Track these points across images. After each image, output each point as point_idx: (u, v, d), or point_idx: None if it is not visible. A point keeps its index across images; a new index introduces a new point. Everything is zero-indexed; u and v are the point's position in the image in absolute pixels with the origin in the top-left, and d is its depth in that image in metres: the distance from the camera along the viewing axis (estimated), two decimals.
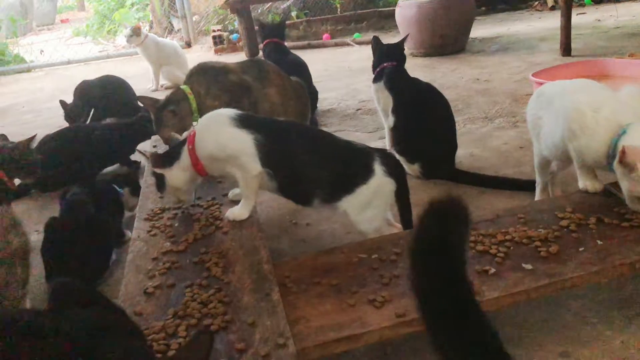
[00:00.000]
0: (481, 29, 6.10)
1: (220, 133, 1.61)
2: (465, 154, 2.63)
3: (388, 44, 2.70)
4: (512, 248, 1.42)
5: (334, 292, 1.31)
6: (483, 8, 7.06)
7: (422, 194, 2.24)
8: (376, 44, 2.66)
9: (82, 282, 1.14)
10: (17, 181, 2.24)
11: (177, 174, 1.67)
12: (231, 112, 1.66)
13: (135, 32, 4.74)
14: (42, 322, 0.89)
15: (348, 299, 1.28)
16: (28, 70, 7.07)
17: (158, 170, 1.69)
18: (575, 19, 4.92)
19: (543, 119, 1.76)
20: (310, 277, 1.37)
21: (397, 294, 1.28)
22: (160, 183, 1.71)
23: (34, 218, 2.40)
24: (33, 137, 2.23)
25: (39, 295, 1.77)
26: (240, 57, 6.14)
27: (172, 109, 2.15)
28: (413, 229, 0.83)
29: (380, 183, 1.60)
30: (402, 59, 2.61)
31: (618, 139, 1.48)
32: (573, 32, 4.43)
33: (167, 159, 1.70)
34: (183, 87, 2.22)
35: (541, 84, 2.37)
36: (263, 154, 1.58)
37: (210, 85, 2.20)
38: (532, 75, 3.00)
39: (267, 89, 2.31)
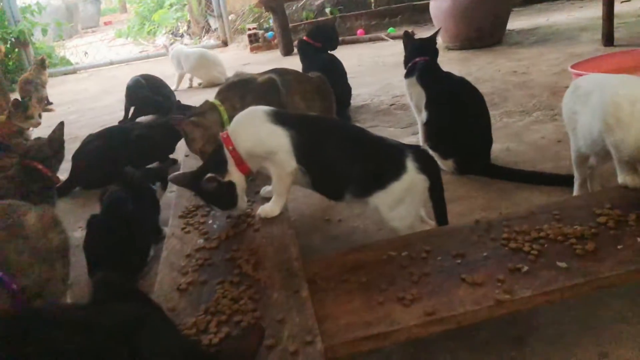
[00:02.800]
0: (519, 21, 5.95)
1: (258, 129, 1.61)
2: (502, 149, 2.57)
3: (420, 38, 2.67)
4: (546, 245, 1.38)
5: (362, 289, 1.31)
6: None
7: (457, 190, 2.22)
8: (407, 38, 2.63)
9: (122, 277, 1.17)
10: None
11: (237, 173, 1.63)
12: (266, 108, 1.66)
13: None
14: (82, 316, 0.94)
15: (377, 297, 1.27)
16: (73, 72, 7.35)
17: (226, 177, 1.61)
18: (619, 7, 4.74)
19: (579, 113, 1.71)
20: (339, 275, 1.38)
21: (427, 292, 1.27)
22: (230, 194, 1.62)
23: (76, 215, 2.49)
24: (62, 125, 2.26)
25: (83, 289, 1.84)
26: (276, 54, 6.21)
27: (193, 122, 2.15)
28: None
29: (412, 180, 1.59)
30: (435, 53, 2.58)
31: None
32: (616, 21, 4.27)
33: (221, 166, 1.62)
34: (212, 100, 2.25)
35: (581, 75, 2.29)
36: (298, 150, 1.58)
37: (245, 94, 2.22)
38: (572, 66, 2.91)
39: (293, 97, 2.33)
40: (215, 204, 1.64)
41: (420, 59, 2.52)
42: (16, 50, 6.90)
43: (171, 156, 2.97)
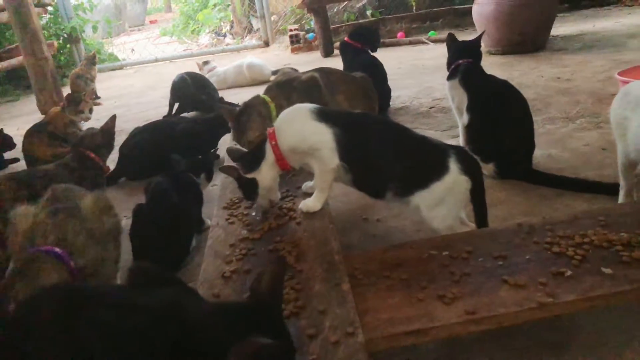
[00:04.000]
0: (563, 27, 5.83)
1: (302, 126, 1.65)
2: (543, 155, 2.54)
3: (463, 40, 2.66)
4: (590, 251, 1.37)
5: (403, 286, 1.33)
6: (566, 5, 6.73)
7: (497, 194, 2.21)
8: (451, 40, 2.62)
9: (164, 266, 1.22)
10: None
11: (267, 173, 1.69)
12: (311, 106, 1.70)
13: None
14: (133, 295, 0.99)
15: (417, 294, 1.29)
16: (120, 67, 7.59)
17: (249, 176, 1.68)
18: None
19: (629, 118, 1.68)
20: (380, 271, 1.40)
21: (468, 292, 1.27)
22: (251, 190, 1.69)
23: (122, 204, 2.58)
24: (114, 117, 2.36)
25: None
26: (316, 56, 6.26)
27: (258, 109, 2.24)
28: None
29: (454, 180, 1.59)
30: (478, 56, 2.57)
31: None
32: None
33: (253, 162, 1.70)
34: (263, 95, 2.31)
35: (628, 82, 2.24)
36: (341, 147, 1.60)
37: (290, 93, 2.27)
38: (618, 73, 2.84)
39: (336, 96, 2.36)
40: (242, 192, 1.72)
41: (464, 61, 2.51)
42: (68, 46, 7.17)
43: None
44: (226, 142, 2.66)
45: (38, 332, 0.90)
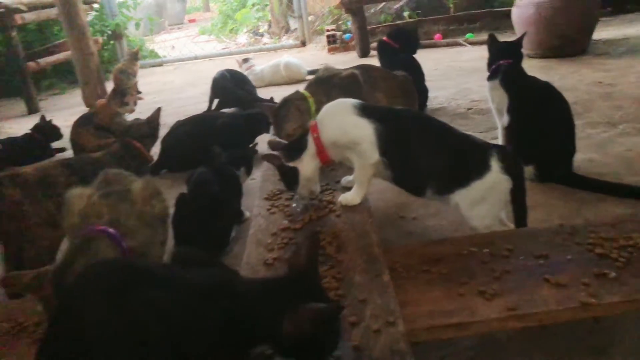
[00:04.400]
0: (606, 30, 5.69)
1: (343, 120, 1.67)
2: (584, 159, 2.50)
3: (504, 41, 2.64)
4: (635, 254, 1.35)
5: (443, 280, 1.34)
6: (609, 8, 6.56)
7: (536, 197, 2.18)
8: (492, 41, 2.61)
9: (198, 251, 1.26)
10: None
11: (309, 163, 1.72)
12: (353, 101, 1.72)
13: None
14: (183, 272, 1.03)
15: (457, 289, 1.30)
16: (160, 64, 7.78)
17: (291, 164, 1.72)
18: None
19: None
20: (420, 265, 1.41)
21: (509, 289, 1.27)
22: (292, 178, 1.72)
23: (164, 195, 2.65)
24: (159, 110, 2.43)
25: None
26: (352, 56, 6.28)
27: (296, 104, 2.28)
28: None
29: (496, 179, 1.59)
30: (519, 56, 2.54)
31: None
32: None
33: (295, 152, 1.73)
34: (303, 91, 2.35)
35: None
36: (382, 143, 1.62)
37: (330, 89, 2.31)
38: None
39: (376, 93, 2.37)
40: (282, 181, 1.75)
41: (504, 62, 2.50)
42: (111, 42, 7.39)
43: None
44: (265, 139, 2.71)
45: (93, 304, 0.95)
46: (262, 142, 2.78)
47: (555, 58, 4.71)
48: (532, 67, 4.49)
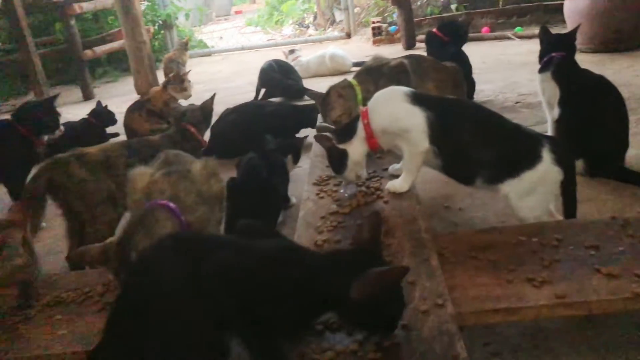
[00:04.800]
0: None
1: (395, 107, 1.68)
2: (637, 155, 2.43)
3: (557, 33, 2.60)
4: None
5: (491, 267, 1.35)
6: None
7: (585, 191, 2.14)
8: (544, 33, 2.57)
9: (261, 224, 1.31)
10: None
11: (358, 148, 1.73)
12: (405, 88, 1.74)
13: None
14: (251, 243, 1.08)
15: (505, 275, 1.31)
16: (208, 54, 7.95)
17: (341, 146, 1.74)
18: None
19: None
20: (468, 251, 1.43)
21: (558, 277, 1.28)
22: (341, 161, 1.73)
23: None
24: (214, 96, 2.52)
25: None
26: (398, 48, 6.24)
27: (338, 91, 2.32)
28: None
29: (547, 170, 1.58)
30: (572, 49, 2.49)
31: None
32: None
33: (345, 135, 1.75)
34: (351, 80, 2.38)
35: None
36: (432, 131, 1.62)
37: (378, 78, 2.33)
38: None
39: (426, 84, 2.38)
40: (330, 164, 1.77)
41: (557, 54, 2.45)
42: (162, 32, 7.60)
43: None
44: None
45: (167, 271, 1.02)
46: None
47: (608, 53, 4.56)
48: (584, 61, 4.34)
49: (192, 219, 1.43)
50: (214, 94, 2.50)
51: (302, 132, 3.07)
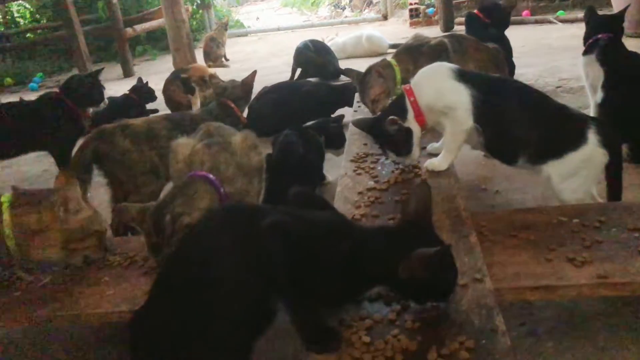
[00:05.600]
0: None
1: (440, 84, 1.66)
2: None
3: (604, 14, 2.52)
4: None
5: (530, 246, 1.35)
6: None
7: (629, 177, 2.09)
8: (591, 14, 2.50)
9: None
10: None
11: (414, 126, 1.70)
12: (452, 65, 1.71)
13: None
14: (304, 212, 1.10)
15: (545, 254, 1.30)
16: (245, 34, 8.02)
17: (405, 125, 1.68)
18: None
19: None
20: (507, 230, 1.42)
21: (599, 258, 1.26)
22: (408, 141, 1.68)
23: None
24: (254, 73, 2.55)
25: None
26: (435, 31, 6.14)
27: (378, 70, 2.31)
28: None
29: (592, 152, 1.55)
30: (620, 31, 2.42)
31: None
32: None
33: (400, 115, 1.68)
34: (390, 59, 2.37)
35: None
36: (477, 109, 1.60)
37: (418, 57, 2.30)
38: None
39: (467, 64, 2.34)
40: (391, 148, 1.72)
41: (603, 36, 2.38)
42: (200, 12, 7.67)
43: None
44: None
45: (218, 238, 1.04)
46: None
47: None
48: (631, 47, 4.20)
49: (231, 190, 1.47)
50: (255, 71, 2.53)
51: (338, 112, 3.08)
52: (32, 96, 3.29)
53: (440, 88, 1.66)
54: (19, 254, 1.38)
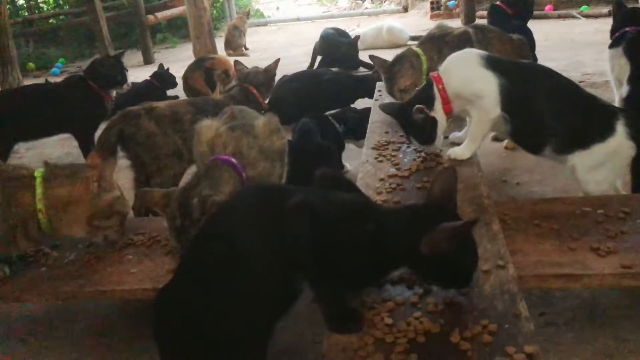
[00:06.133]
0: None
1: (469, 71, 1.64)
2: None
3: (633, 7, 2.48)
4: None
5: (553, 235, 1.34)
6: None
7: None
8: (618, 6, 2.46)
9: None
10: None
11: (441, 114, 1.69)
12: (481, 52, 1.69)
13: None
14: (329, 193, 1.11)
15: (569, 243, 1.30)
16: (265, 24, 8.05)
17: (431, 114, 1.66)
18: None
19: None
20: (530, 219, 1.42)
21: (624, 248, 1.25)
22: (432, 131, 1.67)
23: None
24: (278, 61, 2.56)
25: None
26: (456, 23, 6.08)
27: (410, 60, 2.29)
28: None
29: (619, 144, 1.53)
30: None
31: None
32: None
33: (427, 103, 1.67)
34: (415, 49, 2.35)
35: None
36: (505, 98, 1.58)
37: (442, 47, 2.29)
38: None
39: (490, 53, 2.32)
40: (416, 136, 1.72)
41: (631, 29, 2.34)
42: (221, 0, 7.69)
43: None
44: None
45: (246, 216, 1.06)
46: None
47: None
48: None
49: (254, 174, 1.47)
50: (278, 59, 2.54)
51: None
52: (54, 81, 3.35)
53: (468, 75, 1.64)
54: (49, 230, 1.40)
